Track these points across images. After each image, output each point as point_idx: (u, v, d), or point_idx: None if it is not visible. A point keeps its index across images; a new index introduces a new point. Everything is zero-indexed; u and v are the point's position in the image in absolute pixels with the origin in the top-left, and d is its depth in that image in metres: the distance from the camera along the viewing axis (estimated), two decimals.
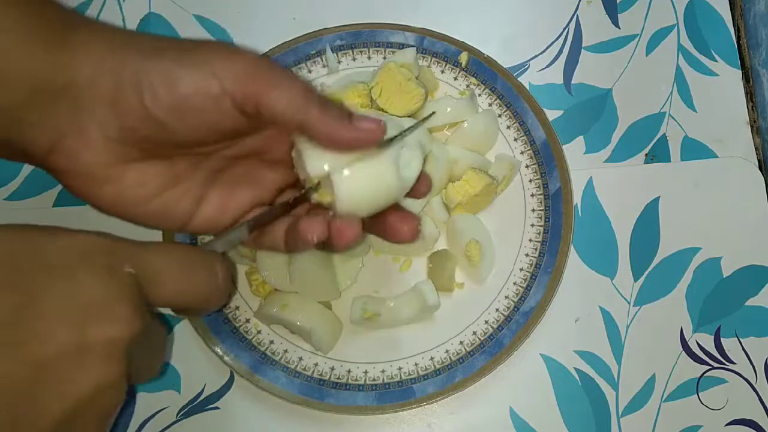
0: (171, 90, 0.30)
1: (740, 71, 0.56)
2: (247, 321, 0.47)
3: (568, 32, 0.57)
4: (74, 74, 0.30)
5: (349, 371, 0.46)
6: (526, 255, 0.49)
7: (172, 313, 0.35)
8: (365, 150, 0.33)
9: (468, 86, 0.53)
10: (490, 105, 0.52)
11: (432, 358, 0.47)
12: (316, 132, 0.32)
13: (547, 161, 0.50)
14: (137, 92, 0.30)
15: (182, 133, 0.32)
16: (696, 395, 0.48)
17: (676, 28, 0.57)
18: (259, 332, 0.47)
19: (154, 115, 0.31)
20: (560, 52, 0.57)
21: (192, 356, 0.48)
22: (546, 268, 0.48)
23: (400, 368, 0.46)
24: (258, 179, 0.37)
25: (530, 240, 0.49)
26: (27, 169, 0.53)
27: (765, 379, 0.48)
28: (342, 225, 0.33)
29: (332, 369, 0.47)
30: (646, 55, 0.56)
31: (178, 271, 0.30)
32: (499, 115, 0.52)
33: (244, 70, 0.31)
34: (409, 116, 0.50)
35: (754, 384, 0.48)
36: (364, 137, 0.32)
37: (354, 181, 0.32)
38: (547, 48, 0.57)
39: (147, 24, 0.57)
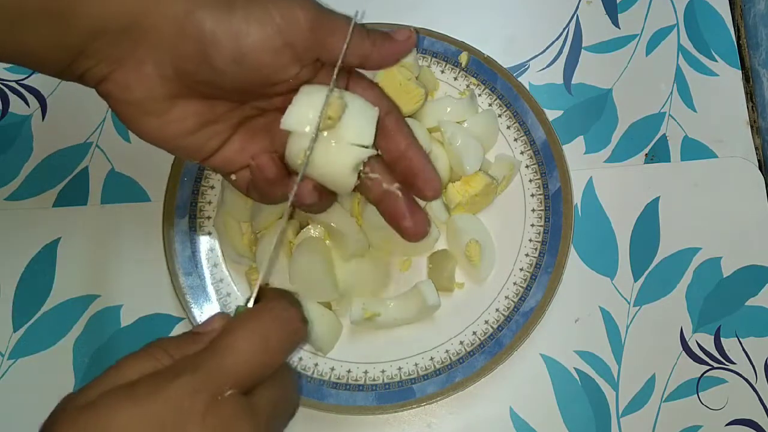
0: (237, 45, 0.32)
1: (740, 71, 0.56)
2: None
3: (568, 32, 0.57)
4: (139, 16, 0.31)
5: (349, 371, 0.46)
6: (526, 255, 0.49)
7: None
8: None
9: (468, 86, 0.53)
10: (490, 105, 0.52)
11: (432, 358, 0.47)
12: (372, 63, 0.37)
13: (547, 161, 0.50)
14: (200, 42, 0.32)
15: (236, 82, 0.34)
16: (696, 395, 0.48)
17: (676, 28, 0.57)
18: None
19: (215, 65, 0.32)
20: (560, 52, 0.57)
21: None
22: (546, 268, 0.48)
23: (400, 368, 0.46)
24: (276, 131, 0.38)
25: (530, 240, 0.49)
26: (27, 168, 0.53)
27: (765, 379, 0.48)
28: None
29: (332, 369, 0.47)
30: (646, 55, 0.56)
31: (258, 349, 0.29)
32: (499, 115, 0.52)
33: (306, 24, 0.34)
34: (409, 116, 0.50)
35: (754, 384, 0.48)
36: (406, 46, 0.38)
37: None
38: (547, 48, 0.57)
39: None
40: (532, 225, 0.49)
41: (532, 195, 0.50)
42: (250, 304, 0.33)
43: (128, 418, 0.26)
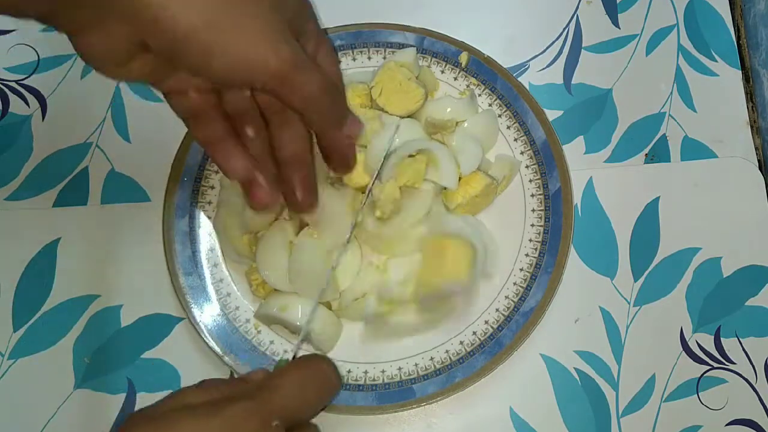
0: (206, 67, 0.32)
1: (740, 71, 0.56)
2: (247, 321, 0.47)
3: (568, 32, 0.57)
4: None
5: (349, 371, 0.46)
6: (526, 255, 0.49)
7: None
8: None
9: (468, 86, 0.53)
10: (490, 105, 0.52)
11: (432, 358, 0.47)
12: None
13: (547, 161, 0.50)
14: (173, 42, 0.31)
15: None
16: (696, 395, 0.48)
17: (676, 28, 0.57)
18: (259, 332, 0.47)
19: (184, 64, 0.33)
20: (560, 52, 0.57)
21: (192, 356, 0.48)
22: (546, 268, 0.48)
23: (400, 368, 0.46)
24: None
25: (530, 240, 0.49)
26: (27, 168, 0.53)
27: (765, 379, 0.48)
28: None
29: None
30: (646, 55, 0.56)
31: (302, 393, 0.35)
32: (499, 115, 0.52)
33: (275, 66, 0.33)
34: (408, 116, 0.50)
35: (754, 384, 0.48)
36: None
37: None
38: (547, 48, 0.57)
39: None
40: (532, 225, 0.49)
41: (532, 195, 0.50)
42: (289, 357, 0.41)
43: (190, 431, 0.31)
